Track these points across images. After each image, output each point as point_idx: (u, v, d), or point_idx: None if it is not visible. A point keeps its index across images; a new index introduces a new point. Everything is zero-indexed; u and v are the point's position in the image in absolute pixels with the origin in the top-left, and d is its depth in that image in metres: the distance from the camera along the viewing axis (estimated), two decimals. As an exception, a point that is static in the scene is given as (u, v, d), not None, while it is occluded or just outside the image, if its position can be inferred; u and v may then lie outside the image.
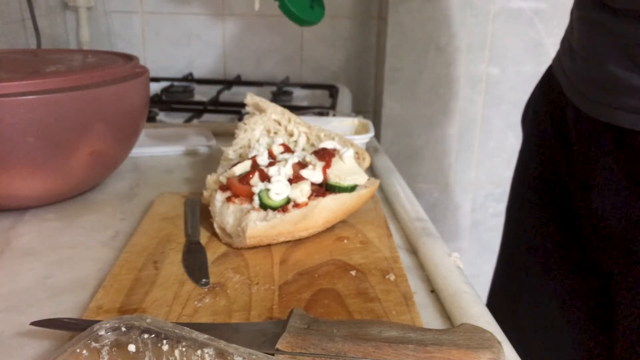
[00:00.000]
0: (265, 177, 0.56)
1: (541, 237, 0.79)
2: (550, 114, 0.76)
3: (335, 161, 0.59)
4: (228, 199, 0.56)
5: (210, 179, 0.61)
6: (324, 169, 0.58)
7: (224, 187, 0.58)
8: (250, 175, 0.56)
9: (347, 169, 0.59)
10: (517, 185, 0.87)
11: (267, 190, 0.55)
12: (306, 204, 0.54)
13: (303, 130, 0.67)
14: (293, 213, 0.53)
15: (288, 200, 0.55)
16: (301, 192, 0.55)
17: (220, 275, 0.49)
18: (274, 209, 0.54)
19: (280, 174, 0.56)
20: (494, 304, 0.88)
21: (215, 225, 0.56)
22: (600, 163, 0.65)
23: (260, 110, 0.68)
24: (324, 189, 0.57)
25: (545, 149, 0.77)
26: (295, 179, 0.56)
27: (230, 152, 0.66)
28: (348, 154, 0.60)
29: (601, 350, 0.73)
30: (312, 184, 0.57)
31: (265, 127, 0.67)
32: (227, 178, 0.58)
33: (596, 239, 0.68)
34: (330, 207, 0.56)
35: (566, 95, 0.70)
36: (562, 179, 0.74)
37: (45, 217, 0.62)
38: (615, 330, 0.68)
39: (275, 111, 0.67)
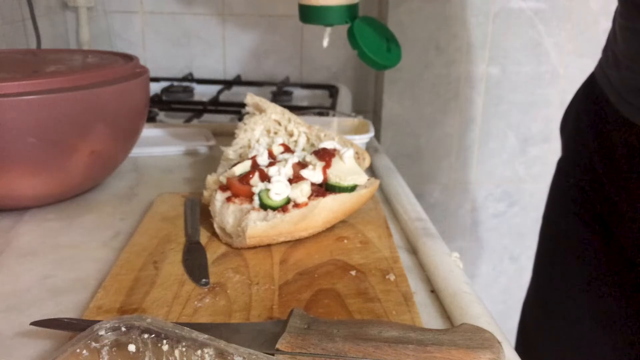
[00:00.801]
0: (265, 177, 0.56)
1: (582, 250, 0.77)
2: (594, 124, 0.73)
3: (335, 161, 0.59)
4: (228, 199, 0.56)
5: (210, 179, 0.61)
6: (324, 169, 0.58)
7: (224, 187, 0.58)
8: (250, 175, 0.56)
9: (347, 169, 0.59)
10: (555, 196, 0.84)
11: (267, 190, 0.55)
12: (306, 204, 0.54)
13: (303, 130, 0.66)
14: (293, 213, 0.53)
15: (288, 200, 0.55)
16: (301, 192, 0.55)
17: (220, 275, 0.49)
18: (274, 209, 0.54)
19: (280, 174, 0.56)
20: (529, 317, 0.86)
21: (215, 225, 0.56)
22: None
23: (260, 110, 0.67)
24: (324, 189, 0.57)
25: (587, 161, 0.75)
26: (295, 179, 0.56)
27: (230, 152, 0.66)
28: (348, 154, 0.60)
29: None
30: (312, 184, 0.57)
31: (265, 127, 0.67)
32: (227, 178, 0.58)
33: None
34: (330, 207, 0.56)
35: (612, 105, 0.68)
36: (606, 192, 0.71)
37: (45, 217, 0.62)
38: None
39: (275, 111, 0.67)
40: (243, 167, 0.59)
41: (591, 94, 0.75)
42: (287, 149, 0.63)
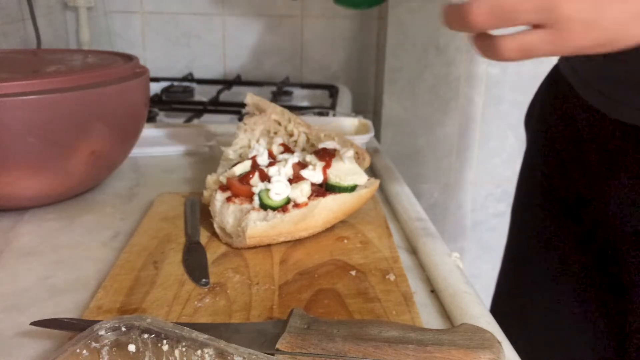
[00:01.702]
0: (265, 177, 0.56)
1: (550, 241, 0.77)
2: (559, 115, 0.73)
3: (335, 161, 0.59)
4: (228, 199, 0.56)
5: (210, 179, 0.61)
6: (324, 169, 0.58)
7: (224, 187, 0.58)
8: (250, 175, 0.56)
9: (347, 169, 0.59)
10: (522, 188, 0.84)
11: (267, 190, 0.55)
12: (306, 204, 0.54)
13: (303, 130, 0.66)
14: (293, 213, 0.53)
15: (288, 200, 0.55)
16: (301, 192, 0.55)
17: (220, 275, 0.49)
18: (274, 209, 0.54)
19: (280, 174, 0.56)
20: (499, 306, 0.87)
21: (215, 225, 0.56)
22: (619, 165, 0.63)
23: (260, 110, 0.67)
24: (324, 189, 0.57)
25: (553, 151, 0.75)
26: (295, 179, 0.56)
27: (230, 152, 0.66)
28: (348, 154, 0.60)
29: (612, 354, 0.72)
30: (312, 184, 0.57)
31: (265, 127, 0.67)
32: (227, 178, 0.58)
33: (611, 243, 0.67)
34: (330, 207, 0.56)
35: (579, 96, 0.67)
36: (574, 181, 0.72)
37: (45, 217, 0.62)
38: (628, 336, 0.67)
39: (275, 111, 0.67)
40: (243, 167, 0.59)
41: (556, 85, 0.75)
42: (287, 149, 0.63)
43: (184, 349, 0.33)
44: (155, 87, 1.28)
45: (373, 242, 0.56)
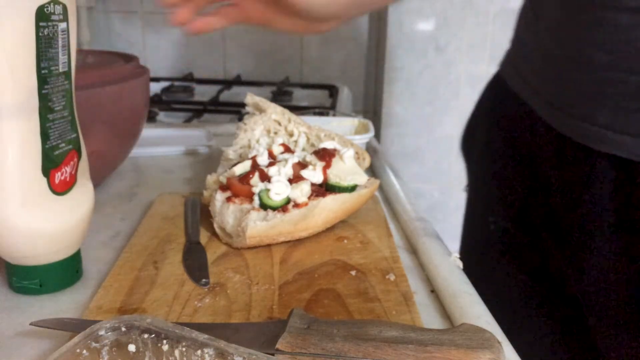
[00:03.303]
0: (265, 177, 0.56)
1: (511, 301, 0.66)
2: (510, 141, 0.61)
3: (335, 161, 0.59)
4: (228, 199, 0.56)
5: (210, 179, 0.61)
6: (324, 169, 0.58)
7: (224, 187, 0.58)
8: (250, 175, 0.56)
9: (347, 169, 0.59)
10: (472, 236, 0.71)
11: (267, 190, 0.55)
12: (306, 204, 0.54)
13: (303, 130, 0.67)
14: (293, 213, 0.53)
15: (288, 200, 0.54)
16: (301, 192, 0.55)
17: (220, 275, 0.49)
18: (274, 209, 0.54)
19: (280, 174, 0.56)
20: None
21: (215, 225, 0.56)
22: (597, 230, 0.53)
23: (260, 110, 0.67)
24: (324, 189, 0.57)
25: (511, 193, 0.62)
26: (295, 179, 0.56)
27: (230, 152, 0.66)
28: (348, 154, 0.60)
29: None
30: (312, 184, 0.57)
31: (265, 127, 0.67)
32: (227, 178, 0.58)
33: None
34: (331, 207, 0.56)
35: (534, 111, 0.57)
36: (542, 243, 0.61)
37: (45, 217, 0.62)
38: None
39: (275, 111, 0.67)
40: (243, 167, 0.59)
41: (501, 100, 0.63)
42: (287, 149, 0.63)
43: (184, 349, 0.33)
44: (155, 87, 1.28)
45: (373, 242, 0.56)
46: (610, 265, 0.53)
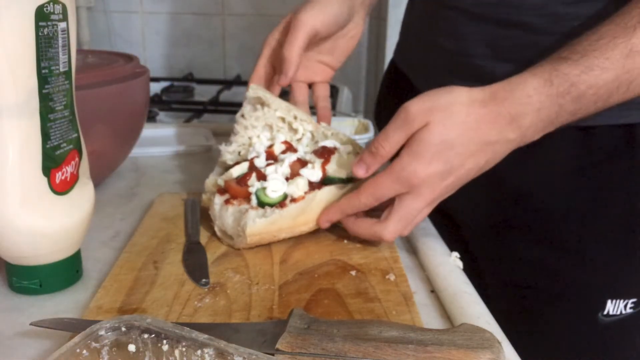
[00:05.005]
0: (262, 177, 0.56)
1: None
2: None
3: (334, 158, 0.58)
4: (226, 202, 0.56)
5: (209, 182, 0.60)
6: (323, 165, 0.57)
7: (222, 190, 0.57)
8: (248, 177, 0.56)
9: (346, 163, 0.58)
10: None
11: (264, 188, 0.54)
12: (303, 198, 0.54)
13: (309, 128, 0.63)
14: (291, 207, 0.53)
15: (285, 197, 0.54)
16: (297, 187, 0.55)
17: (220, 275, 0.49)
18: (271, 205, 0.54)
19: (277, 171, 0.56)
20: None
21: (216, 229, 0.56)
22: None
23: (263, 105, 0.63)
24: (322, 184, 0.57)
25: None
26: (293, 177, 0.56)
27: (227, 152, 0.63)
28: (347, 149, 0.59)
29: None
30: (310, 182, 0.56)
31: (267, 124, 0.63)
32: (225, 181, 0.58)
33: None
34: (328, 198, 0.55)
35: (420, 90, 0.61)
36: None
37: (45, 217, 0.62)
38: None
39: (280, 107, 0.62)
40: (240, 169, 0.58)
41: (396, 82, 0.73)
42: (290, 147, 0.61)
43: (184, 349, 0.33)
44: (155, 87, 1.29)
45: (373, 242, 0.56)
46: None
